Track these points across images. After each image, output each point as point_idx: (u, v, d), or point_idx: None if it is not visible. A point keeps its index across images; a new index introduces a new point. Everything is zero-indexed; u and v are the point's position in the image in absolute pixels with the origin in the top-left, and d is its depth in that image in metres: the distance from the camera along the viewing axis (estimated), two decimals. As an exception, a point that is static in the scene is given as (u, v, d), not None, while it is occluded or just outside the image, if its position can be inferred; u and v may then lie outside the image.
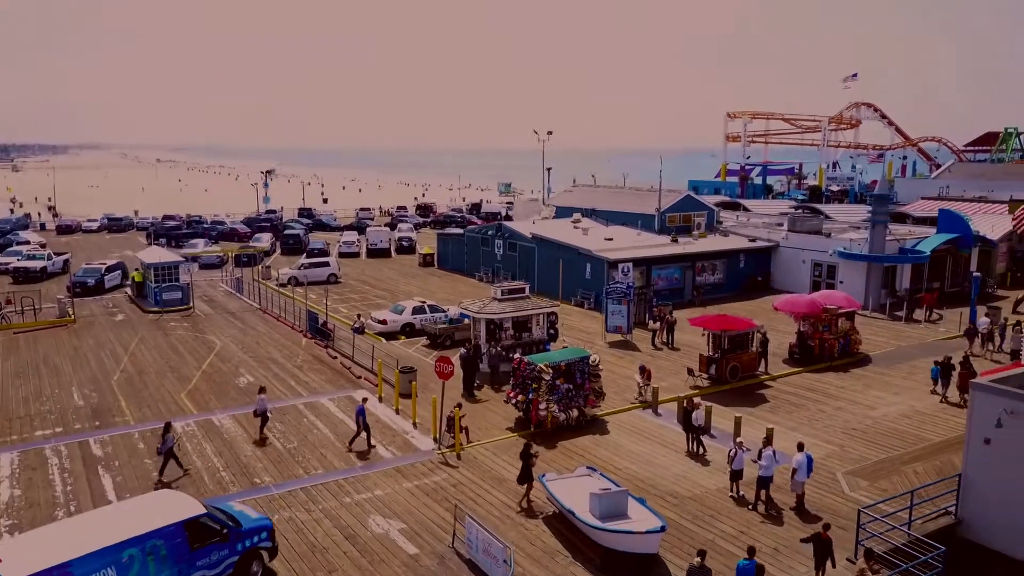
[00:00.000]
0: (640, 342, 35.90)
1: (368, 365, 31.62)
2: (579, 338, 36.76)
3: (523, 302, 31.50)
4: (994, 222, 51.05)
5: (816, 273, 46.18)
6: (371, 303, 45.50)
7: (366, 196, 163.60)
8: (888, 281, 44.25)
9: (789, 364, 32.49)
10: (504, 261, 51.01)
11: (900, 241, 44.62)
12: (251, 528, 16.96)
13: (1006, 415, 17.98)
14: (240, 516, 17.28)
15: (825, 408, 27.24)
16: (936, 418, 26.22)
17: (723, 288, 46.59)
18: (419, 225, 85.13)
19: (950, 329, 38.44)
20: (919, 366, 32.22)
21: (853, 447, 23.74)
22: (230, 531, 16.41)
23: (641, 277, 43.46)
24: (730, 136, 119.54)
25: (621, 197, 54.83)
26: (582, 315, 41.89)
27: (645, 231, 49.74)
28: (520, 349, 31.08)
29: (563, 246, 45.64)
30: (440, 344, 35.19)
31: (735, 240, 49.12)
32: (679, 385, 29.55)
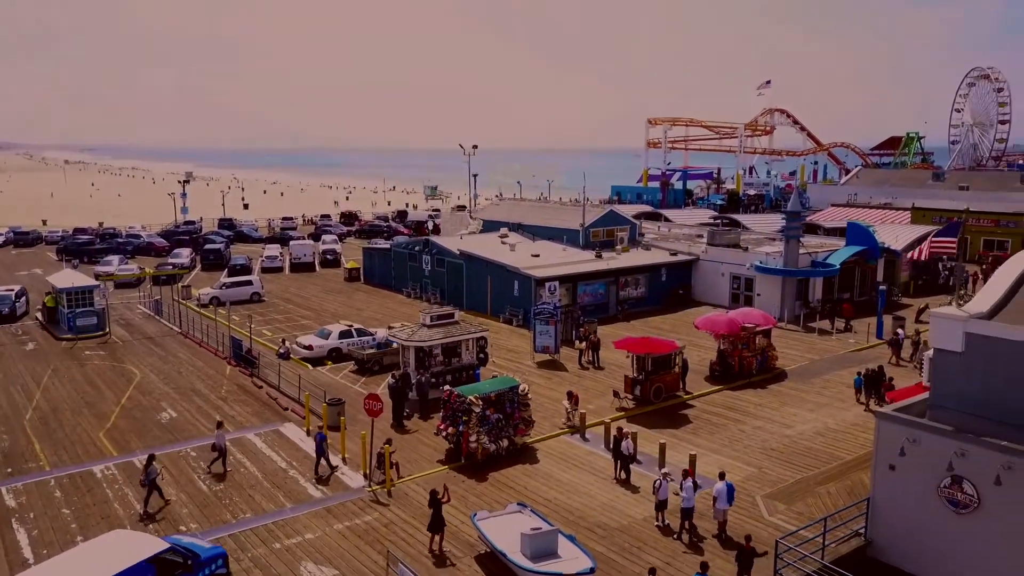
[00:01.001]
0: (568, 361, 36.51)
1: (295, 395, 31.21)
2: (508, 358, 37.17)
3: (452, 327, 31.65)
4: (898, 232, 53.75)
5: (735, 286, 47.79)
6: (296, 324, 44.87)
7: (288, 201, 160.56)
8: (802, 293, 46.14)
9: (710, 381, 33.59)
10: (432, 277, 50.99)
11: (812, 254, 46.57)
12: (209, 557, 17.94)
13: (908, 443, 19.15)
14: (194, 547, 18.04)
15: (744, 428, 28.32)
16: (847, 435, 27.58)
17: (646, 301, 47.73)
18: (343, 235, 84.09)
19: (859, 340, 40.38)
20: (831, 380, 33.85)
21: (771, 468, 24.78)
22: (193, 562, 17.26)
23: (567, 294, 44.18)
24: (651, 142, 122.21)
25: (547, 212, 55.54)
26: (511, 333, 42.30)
27: (570, 246, 50.51)
28: (450, 375, 31.34)
29: (491, 263, 45.96)
30: (368, 369, 35.02)
31: (657, 254, 50.36)
32: (606, 408, 30.23)
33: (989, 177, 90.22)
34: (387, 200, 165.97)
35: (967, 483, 18.22)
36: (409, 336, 30.84)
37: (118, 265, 59.81)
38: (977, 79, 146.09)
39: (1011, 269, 21.33)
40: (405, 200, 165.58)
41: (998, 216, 65.09)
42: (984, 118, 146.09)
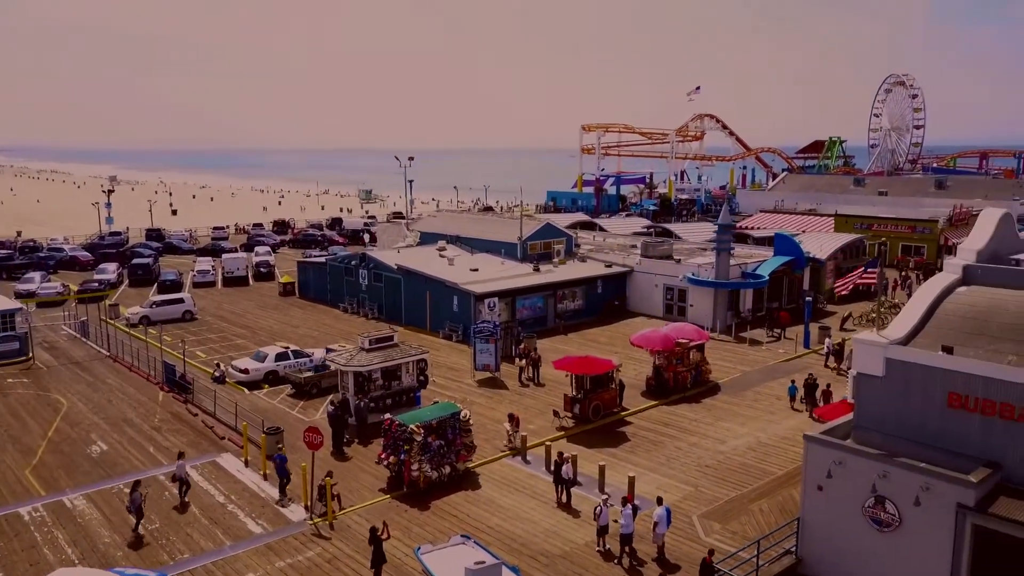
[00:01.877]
0: (508, 378, 36.81)
1: (232, 422, 30.68)
2: (448, 377, 37.26)
3: (392, 351, 31.56)
4: (822, 241, 55.80)
5: (668, 297, 48.91)
6: (230, 344, 44.04)
7: (219, 206, 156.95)
8: (733, 303, 47.51)
9: (646, 396, 34.35)
10: (369, 291, 50.67)
11: (742, 265, 47.97)
12: None
13: (835, 466, 20.05)
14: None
15: (681, 445, 29.08)
16: (778, 449, 28.60)
17: (584, 313, 48.42)
18: (277, 245, 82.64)
19: (788, 351, 41.82)
20: (762, 392, 35.02)
21: (707, 487, 25.55)
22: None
23: (507, 308, 44.54)
24: (585, 148, 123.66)
25: (485, 224, 55.77)
26: (451, 349, 42.38)
27: (508, 259, 50.85)
28: (390, 399, 31.29)
29: (430, 278, 45.96)
30: (306, 393, 34.67)
31: (593, 266, 51.12)
32: (546, 427, 30.66)
33: (906, 183, 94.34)
34: (320, 204, 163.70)
35: (889, 503, 19.17)
36: (347, 361, 30.65)
37: (40, 283, 57.59)
38: (894, 85, 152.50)
39: (926, 294, 22.49)
40: (339, 204, 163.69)
41: (914, 223, 68.08)
42: (900, 123, 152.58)
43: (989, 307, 21.49)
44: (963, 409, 19.06)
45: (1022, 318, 20.71)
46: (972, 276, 22.95)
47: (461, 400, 33.75)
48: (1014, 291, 21.95)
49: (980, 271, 22.94)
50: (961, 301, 22.14)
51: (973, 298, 22.15)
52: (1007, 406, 18.35)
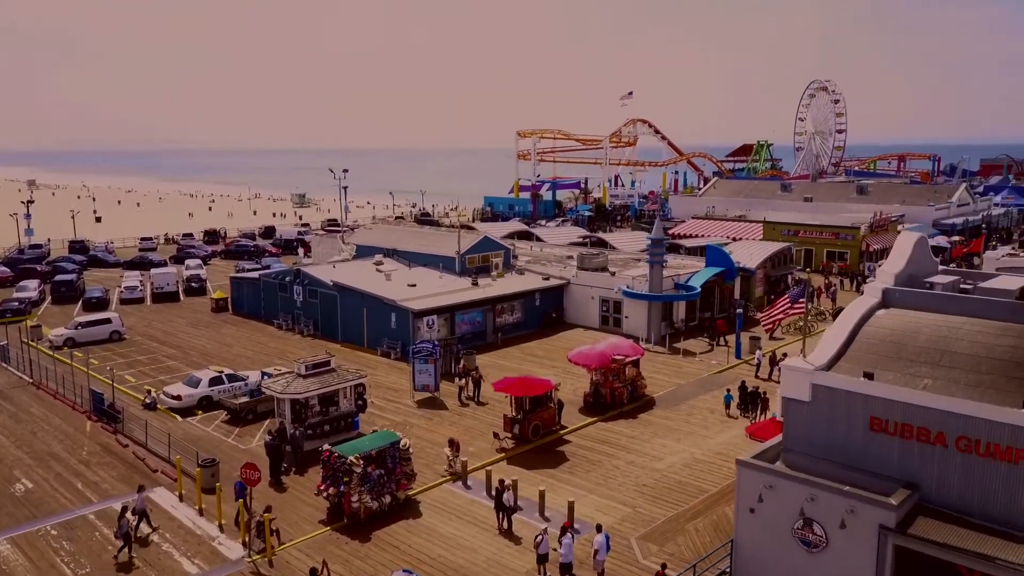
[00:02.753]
0: (448, 397, 36.83)
1: (164, 453, 29.96)
2: (387, 398, 37.09)
3: (329, 376, 31.27)
4: (752, 251, 57.38)
5: (604, 308, 49.67)
6: (161, 366, 42.91)
7: (146, 212, 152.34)
8: (667, 314, 48.51)
9: (584, 413, 34.84)
10: (305, 308, 50.00)
11: (675, 277, 49.02)
12: None
13: (766, 490, 20.78)
14: None
15: (618, 463, 29.62)
16: (712, 465, 29.40)
17: (522, 326, 48.76)
18: (208, 257, 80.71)
19: (721, 361, 42.93)
20: (696, 406, 35.89)
21: (644, 507, 26.12)
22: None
23: (446, 324, 44.55)
24: (521, 154, 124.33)
25: (422, 238, 55.59)
26: (389, 368, 42.15)
27: (447, 273, 50.83)
28: (328, 425, 31.03)
29: (367, 295, 45.60)
30: (242, 418, 34.07)
31: (530, 278, 51.50)
32: (486, 449, 30.83)
33: (830, 188, 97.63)
34: (252, 209, 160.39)
35: (817, 525, 19.97)
36: (284, 388, 30.25)
37: (-45, 303, 55.04)
38: (817, 91, 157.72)
39: (848, 318, 23.47)
40: (272, 209, 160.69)
41: (838, 229, 70.62)
42: (824, 127, 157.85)
43: (906, 330, 22.56)
44: (883, 433, 20.00)
45: (935, 341, 21.81)
46: (891, 299, 24.04)
47: (401, 423, 33.77)
48: (928, 314, 23.10)
49: (898, 294, 24.04)
50: (881, 324, 23.17)
51: (892, 321, 23.21)
52: (923, 430, 19.34)
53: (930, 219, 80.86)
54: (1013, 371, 20.12)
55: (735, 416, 34.55)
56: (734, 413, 34.69)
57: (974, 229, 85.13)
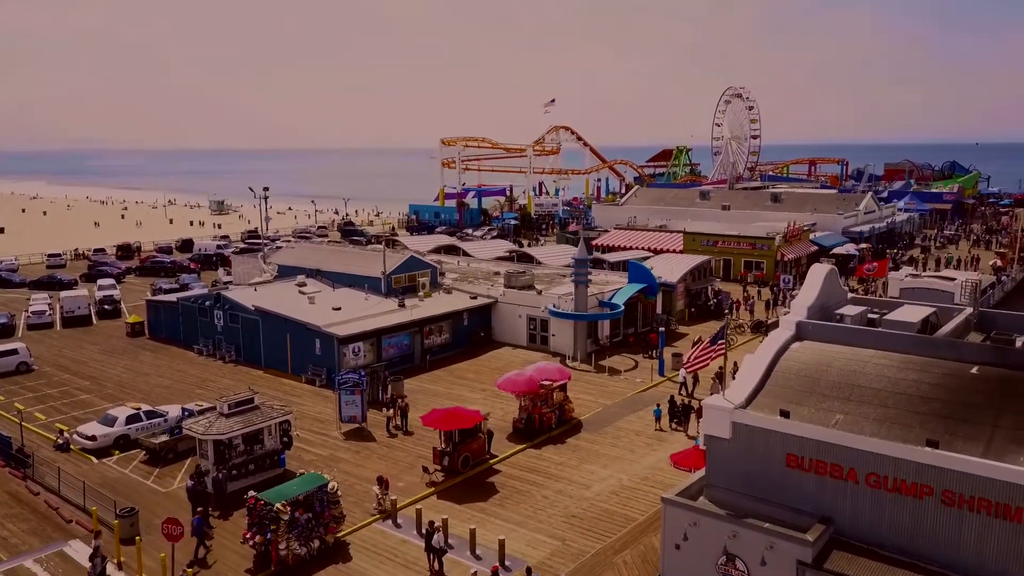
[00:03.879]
0: (376, 428, 36.48)
1: (80, 501, 28.77)
2: (314, 429, 36.51)
3: (253, 414, 30.60)
4: (672, 265, 58.72)
5: (532, 327, 50.08)
6: (74, 400, 41.16)
7: (53, 221, 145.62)
8: (592, 331, 49.24)
9: (513, 440, 35.06)
10: (226, 333, 48.72)
11: (600, 295, 49.79)
12: None
13: (690, 527, 21.40)
14: None
15: (547, 493, 29.95)
16: (638, 492, 30.02)
17: (451, 347, 48.69)
18: (122, 274, 77.63)
19: (645, 379, 43.83)
20: (623, 428, 36.57)
21: (573, 539, 26.49)
22: None
23: (372, 349, 44.13)
24: (446, 162, 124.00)
25: (347, 258, 54.85)
26: (315, 396, 41.49)
27: (373, 294, 50.34)
28: (253, 464, 30.39)
29: (290, 320, 44.76)
30: (162, 458, 33.00)
31: (458, 298, 51.49)
32: (416, 483, 30.72)
33: (746, 196, 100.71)
34: (168, 217, 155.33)
35: (739, 560, 20.67)
36: (206, 429, 29.45)
37: None
38: (732, 97, 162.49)
39: (764, 352, 24.35)
40: (189, 216, 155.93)
41: (754, 240, 72.98)
42: (740, 132, 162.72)
43: (819, 364, 23.53)
44: (799, 469, 20.85)
45: (846, 375, 22.84)
46: (804, 332, 25.06)
47: (328, 457, 33.35)
48: (839, 346, 24.18)
49: (811, 327, 25.07)
50: (795, 358, 24.11)
51: (805, 355, 24.18)
52: (836, 467, 20.26)
53: (839, 227, 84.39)
54: (917, 405, 21.24)
55: (665, 430, 36.14)
56: (665, 426, 36.39)
57: (880, 236, 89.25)
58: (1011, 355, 21.91)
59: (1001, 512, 18.11)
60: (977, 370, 21.92)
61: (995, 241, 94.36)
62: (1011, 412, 20.09)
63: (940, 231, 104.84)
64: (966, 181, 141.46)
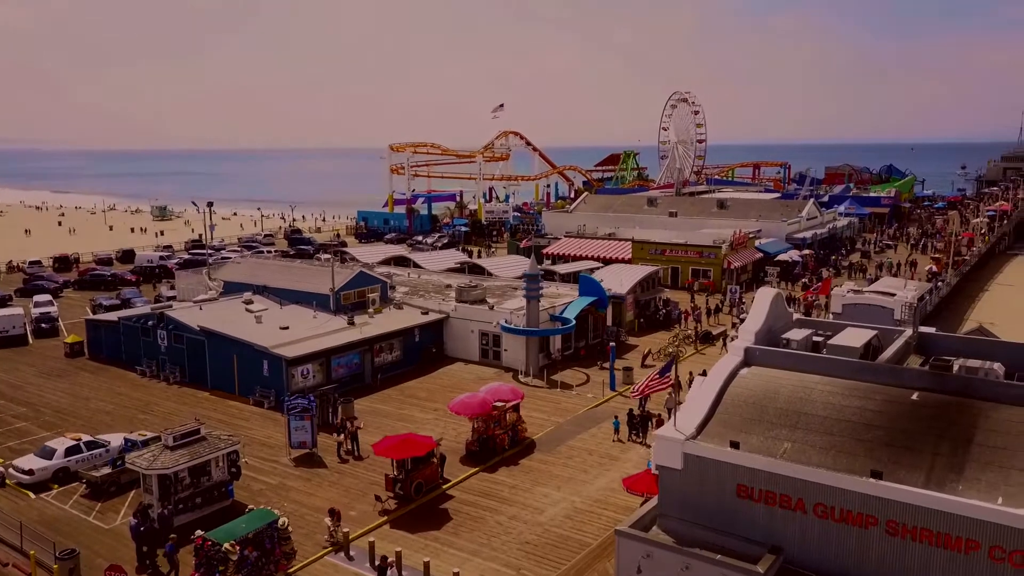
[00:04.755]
0: (326, 453, 35.92)
1: (16, 542, 27.69)
2: (263, 456, 35.80)
3: (199, 446, 29.84)
4: (622, 277, 59.22)
5: (484, 342, 49.97)
6: (9, 429, 39.64)
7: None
8: (544, 345, 49.37)
9: (466, 463, 34.89)
10: (170, 354, 47.48)
11: (551, 309, 49.94)
12: None
13: (644, 559, 21.57)
14: None
15: (501, 519, 29.88)
16: (591, 515, 30.15)
17: (402, 364, 48.24)
18: (60, 288, 75.07)
19: (596, 395, 44.07)
20: (575, 447, 36.70)
21: (528, 568, 26.47)
22: None
23: (321, 370, 43.50)
24: (394, 168, 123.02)
25: (294, 274, 53.92)
26: (263, 419, 40.69)
27: (321, 311, 49.62)
28: (200, 497, 29.67)
29: (236, 341, 43.81)
30: (105, 491, 31.97)
31: (409, 313, 51.08)
32: (368, 512, 30.35)
33: (693, 203, 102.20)
34: (108, 224, 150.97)
35: (691, 591, 20.93)
36: (150, 464, 28.63)
37: None
38: (678, 102, 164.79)
39: (714, 379, 24.68)
40: (130, 223, 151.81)
41: (701, 248, 74.08)
42: (686, 137, 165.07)
43: (766, 391, 23.94)
44: (750, 499, 21.20)
45: (793, 403, 23.28)
46: (752, 357, 25.47)
47: (277, 486, 32.78)
48: (786, 372, 24.66)
49: (758, 353, 25.49)
50: (744, 385, 24.48)
51: (754, 381, 24.58)
52: (785, 497, 20.65)
53: (783, 234, 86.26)
54: (861, 433, 21.76)
55: (624, 440, 37.08)
56: (624, 437, 37.43)
57: (823, 242, 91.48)
58: (948, 381, 22.63)
59: (942, 541, 18.68)
60: (917, 396, 22.59)
61: (930, 245, 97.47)
62: (949, 439, 20.74)
63: (879, 235, 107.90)
64: (902, 185, 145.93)
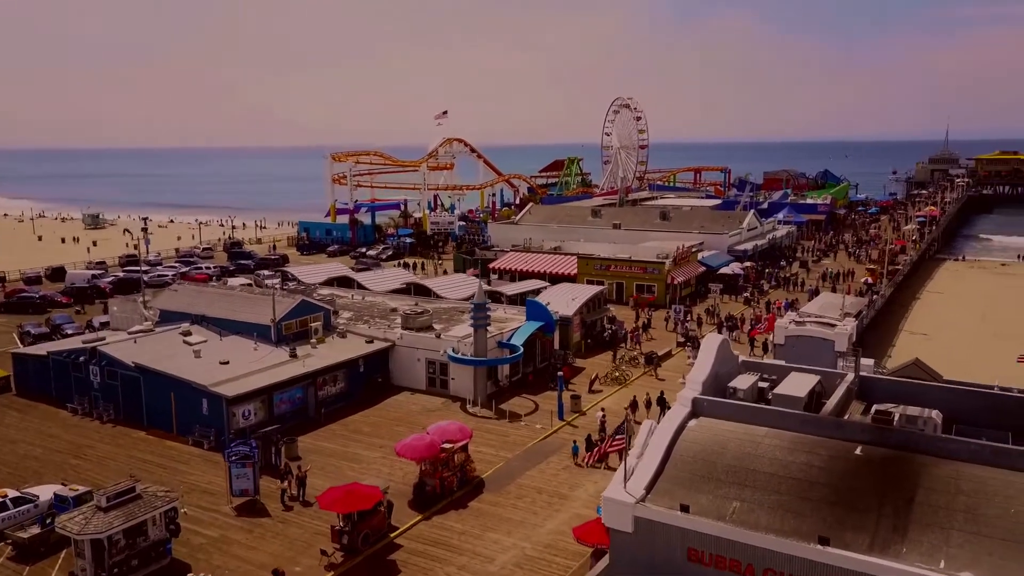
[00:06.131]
0: (269, 499, 34.89)
1: (-64, 616, 26.23)
2: (203, 505, 34.61)
3: (135, 505, 28.65)
4: (568, 297, 59.23)
5: (431, 370, 49.40)
6: (-71, 481, 37.53)
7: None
8: (492, 372, 49.04)
9: (415, 507, 34.31)
10: (104, 390, 45.66)
11: (499, 336, 49.61)
12: None
13: (595, 626, 21.43)
14: None
15: (451, 570, 29.42)
16: (542, 563, 29.92)
17: (346, 396, 47.26)
18: (-19, 312, 71.71)
19: (545, 425, 43.87)
20: (525, 486, 36.41)
21: (479, 626, 26.16)
22: None
23: (264, 406, 42.38)
24: (336, 178, 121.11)
25: (234, 303, 52.32)
26: (203, 461, 39.37)
27: (262, 342, 48.31)
28: (136, 559, 28.51)
29: (174, 379, 42.35)
30: (34, 553, 30.48)
31: (354, 343, 50.14)
32: (314, 567, 29.57)
33: (636, 213, 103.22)
34: (37, 234, 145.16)
35: (645, 657, 20.90)
36: (82, 528, 27.37)
37: None
38: (620, 107, 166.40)
39: (663, 434, 24.67)
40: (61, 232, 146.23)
41: (645, 264, 74.71)
42: (628, 142, 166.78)
43: (715, 445, 24.03)
44: (700, 563, 21.24)
45: (741, 458, 23.41)
46: (700, 408, 25.59)
47: (218, 539, 31.75)
48: (733, 424, 24.83)
49: (706, 404, 25.63)
50: (692, 439, 24.54)
51: (702, 434, 24.67)
52: (735, 562, 20.72)
53: (725, 246, 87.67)
54: (807, 491, 21.99)
55: (583, 464, 38.03)
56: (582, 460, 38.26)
57: (763, 253, 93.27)
58: (890, 436, 23.07)
59: (887, 608, 18.97)
60: (861, 451, 22.95)
61: (865, 253, 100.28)
62: (892, 498, 21.11)
63: (817, 242, 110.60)
64: (838, 192, 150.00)
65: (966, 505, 20.45)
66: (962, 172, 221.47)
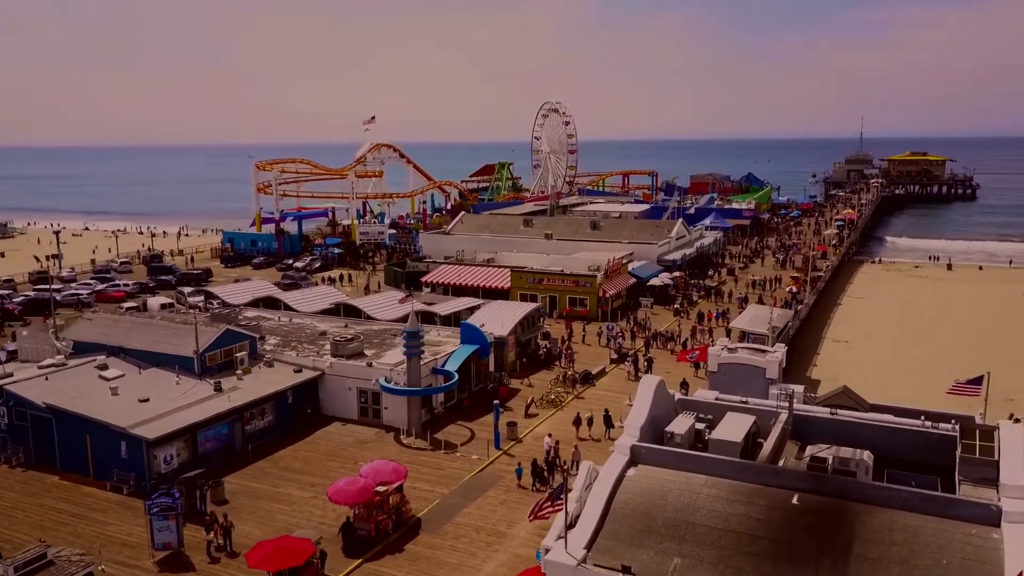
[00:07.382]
0: (194, 551, 33.28)
1: None
2: (123, 559, 32.80)
3: (46, 573, 26.86)
4: (503, 318, 58.65)
5: (363, 399, 48.20)
6: None
7: None
8: (426, 400, 48.15)
9: (349, 553, 33.19)
10: (12, 432, 42.96)
11: (433, 362, 48.76)
12: None
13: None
14: None
15: (389, 625, 28.65)
16: (482, 612, 29.43)
17: (275, 429, 45.58)
18: None
19: (482, 456, 43.24)
20: (462, 524, 35.68)
21: None
22: None
23: (187, 446, 40.55)
24: (261, 186, 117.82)
25: (154, 333, 49.85)
26: (121, 509, 37.34)
27: (185, 374, 46.23)
28: (49, 632, 26.72)
29: (89, 420, 40.11)
30: (-67, 627, 28.30)
31: (281, 372, 48.47)
32: (244, 629, 28.37)
33: (567, 223, 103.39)
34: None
35: None
36: (-11, 604, 25.51)
37: None
38: (549, 112, 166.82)
39: (601, 486, 24.36)
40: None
41: (577, 277, 74.87)
42: (558, 147, 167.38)
43: (654, 496, 23.84)
44: (644, 627, 21.00)
45: (680, 511, 23.28)
46: (638, 456, 25.41)
47: (141, 601, 30.07)
48: (672, 472, 24.73)
49: (644, 451, 25.46)
50: (632, 489, 24.30)
51: (641, 484, 24.46)
52: (680, 625, 20.55)
53: (655, 256, 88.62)
54: (747, 545, 22.01)
55: (527, 487, 38.40)
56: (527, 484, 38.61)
57: (692, 261, 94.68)
58: (826, 483, 23.31)
59: (827, 669, 19.08)
60: (798, 499, 23.10)
61: (788, 259, 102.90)
62: (829, 549, 21.30)
63: (744, 248, 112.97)
64: (761, 196, 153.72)
65: (900, 556, 20.77)
66: (876, 172, 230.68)
